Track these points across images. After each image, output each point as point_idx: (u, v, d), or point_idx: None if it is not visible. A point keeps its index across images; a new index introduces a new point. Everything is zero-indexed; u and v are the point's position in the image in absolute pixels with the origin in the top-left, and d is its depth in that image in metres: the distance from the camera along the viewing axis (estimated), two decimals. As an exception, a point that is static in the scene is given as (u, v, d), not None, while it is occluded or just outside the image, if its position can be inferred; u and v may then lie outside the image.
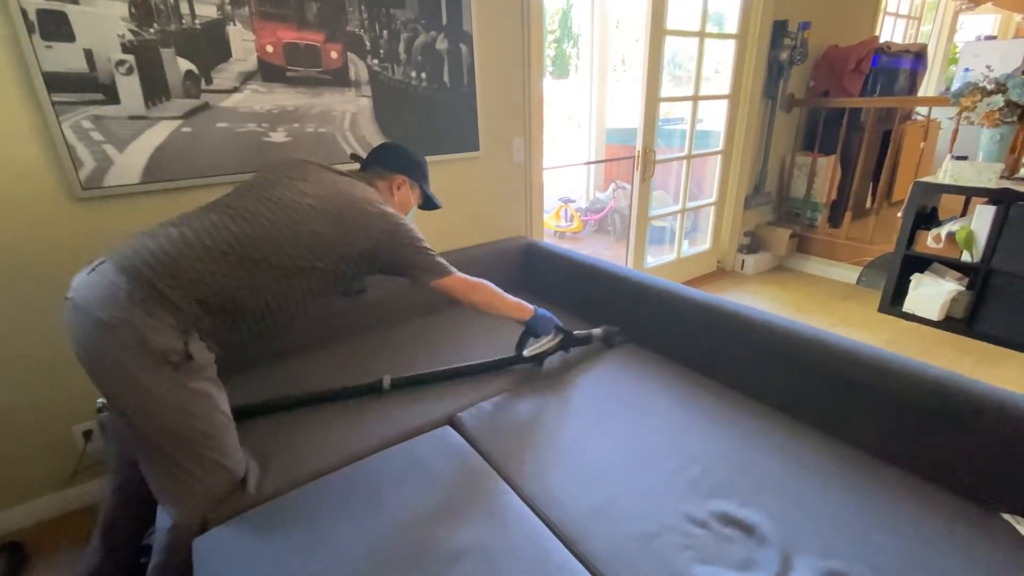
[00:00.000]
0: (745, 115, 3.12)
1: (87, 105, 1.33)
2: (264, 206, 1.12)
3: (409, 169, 1.38)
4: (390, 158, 1.38)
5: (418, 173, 1.41)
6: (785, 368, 1.33)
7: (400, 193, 1.37)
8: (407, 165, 1.38)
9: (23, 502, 1.53)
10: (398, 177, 1.36)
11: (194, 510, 1.06)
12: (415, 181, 1.40)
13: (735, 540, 0.95)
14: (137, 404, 0.98)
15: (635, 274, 1.76)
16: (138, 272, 0.97)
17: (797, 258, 3.56)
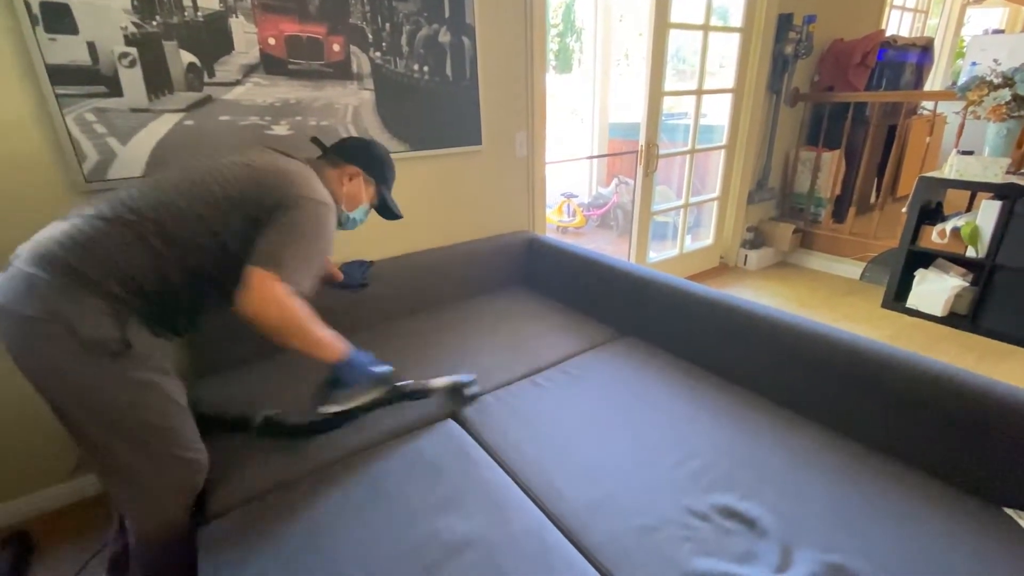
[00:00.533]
0: (749, 110, 3.11)
1: (90, 98, 1.33)
2: (177, 172, 1.05)
3: (366, 163, 1.28)
4: (349, 149, 1.30)
5: (376, 170, 1.31)
6: (788, 363, 1.32)
7: (350, 185, 1.25)
8: (365, 159, 1.29)
9: (29, 493, 1.55)
10: (350, 167, 1.25)
11: (155, 516, 1.03)
12: (371, 177, 1.30)
13: (736, 533, 0.96)
14: (79, 403, 0.91)
15: (638, 269, 1.76)
16: (53, 256, 0.89)
17: (800, 254, 3.55)
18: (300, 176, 1.08)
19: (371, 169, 1.30)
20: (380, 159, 1.32)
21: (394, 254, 1.97)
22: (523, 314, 1.91)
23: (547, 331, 1.77)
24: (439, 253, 2.02)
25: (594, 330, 1.78)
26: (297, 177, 1.07)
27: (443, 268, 2.01)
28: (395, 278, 1.89)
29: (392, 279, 1.88)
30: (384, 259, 1.93)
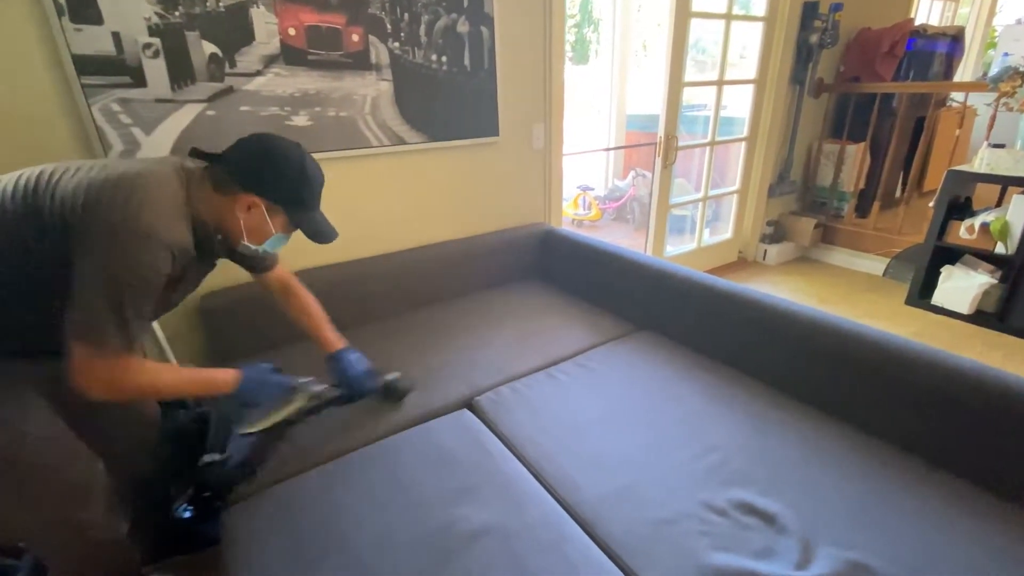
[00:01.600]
0: (771, 101, 3.04)
1: (115, 88, 1.35)
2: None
3: (265, 186, 0.93)
4: (242, 166, 0.93)
5: (281, 193, 0.95)
6: (809, 358, 1.30)
7: (249, 217, 0.94)
8: (264, 182, 0.93)
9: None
10: (244, 196, 0.92)
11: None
12: (276, 204, 0.96)
13: (754, 529, 0.95)
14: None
15: (656, 261, 1.74)
16: None
17: (821, 249, 3.48)
18: (131, 191, 0.81)
19: (275, 193, 0.94)
20: (286, 176, 0.94)
21: (409, 246, 1.98)
22: (538, 307, 1.90)
23: (563, 324, 1.76)
24: (454, 245, 2.02)
25: (610, 323, 1.77)
26: (123, 192, 0.81)
27: (458, 260, 2.01)
28: (410, 270, 1.90)
29: (407, 271, 1.89)
30: (399, 251, 1.94)
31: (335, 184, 1.75)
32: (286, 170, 0.94)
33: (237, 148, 0.95)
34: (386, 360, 1.52)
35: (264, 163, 0.93)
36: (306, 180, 0.97)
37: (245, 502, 1.04)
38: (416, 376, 1.46)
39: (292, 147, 0.97)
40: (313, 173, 0.99)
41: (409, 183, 1.91)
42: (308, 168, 0.97)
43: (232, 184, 0.92)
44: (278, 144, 0.95)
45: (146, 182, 0.84)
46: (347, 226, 1.81)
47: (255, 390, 1.04)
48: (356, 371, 1.24)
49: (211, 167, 0.95)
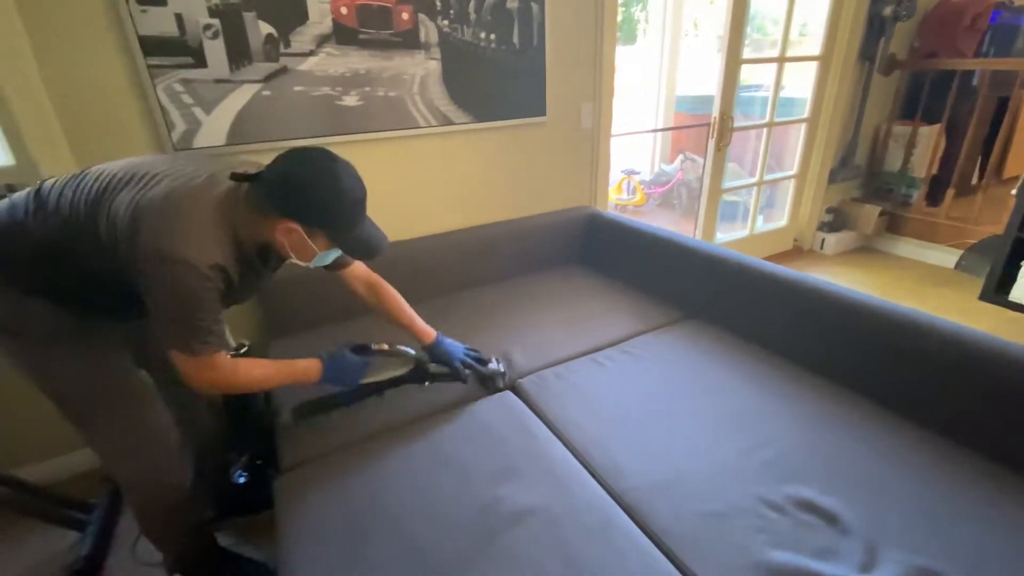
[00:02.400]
0: (837, 79, 2.85)
1: (178, 68, 1.39)
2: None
3: (299, 211, 0.90)
4: (276, 190, 0.90)
5: (316, 217, 0.92)
6: (875, 352, 1.22)
7: (291, 240, 0.93)
8: (297, 205, 0.90)
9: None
10: (282, 222, 0.90)
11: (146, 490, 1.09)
12: (314, 229, 0.92)
13: (815, 528, 0.90)
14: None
15: (708, 247, 1.67)
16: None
17: (885, 239, 3.26)
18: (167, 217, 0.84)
19: (309, 218, 0.91)
20: (318, 199, 0.90)
21: (453, 228, 1.98)
22: (583, 291, 1.87)
23: (607, 310, 1.73)
24: (498, 228, 2.01)
25: (657, 311, 1.71)
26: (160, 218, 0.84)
27: (502, 243, 2.00)
28: (454, 252, 1.90)
29: (450, 253, 1.90)
30: (443, 232, 1.94)
31: (382, 165, 1.77)
32: (318, 191, 0.89)
33: (271, 170, 0.91)
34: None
35: (294, 187, 0.89)
36: (341, 198, 0.91)
37: (300, 469, 1.08)
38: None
39: (323, 162, 0.90)
40: (349, 188, 0.91)
41: (454, 164, 1.91)
42: (343, 184, 0.90)
43: (269, 208, 0.90)
44: (305, 162, 0.90)
45: (184, 207, 0.87)
46: (392, 207, 1.84)
47: (339, 375, 1.12)
48: (459, 356, 1.30)
49: (252, 188, 0.92)
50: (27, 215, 0.90)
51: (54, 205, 0.89)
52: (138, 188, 0.88)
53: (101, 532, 1.39)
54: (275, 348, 1.56)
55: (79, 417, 1.01)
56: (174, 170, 0.92)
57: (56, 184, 0.92)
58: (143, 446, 1.07)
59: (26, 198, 0.92)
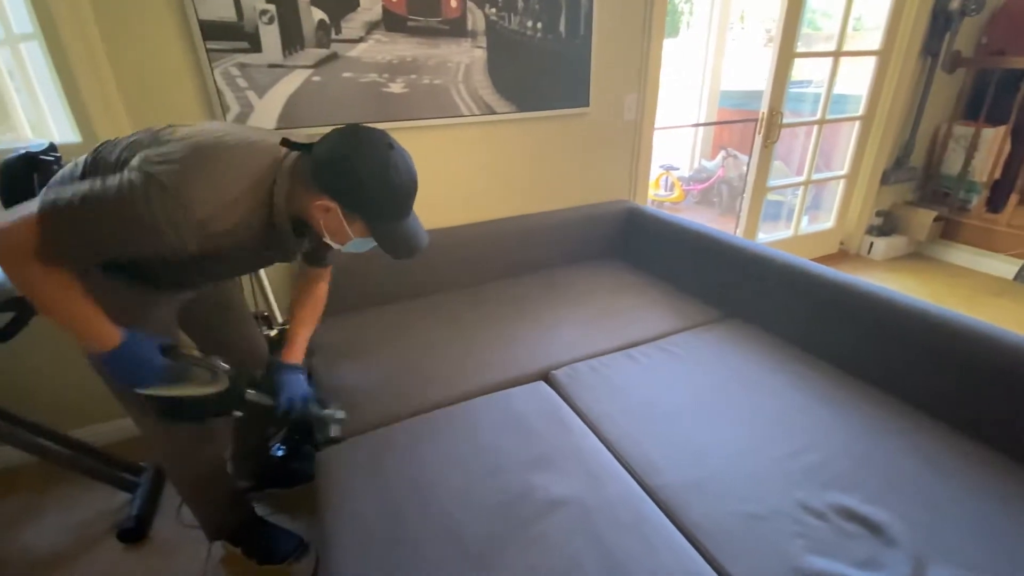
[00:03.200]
0: (896, 75, 2.71)
1: (234, 53, 1.44)
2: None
3: (341, 192, 0.84)
4: (323, 165, 0.84)
5: (356, 202, 0.85)
6: (929, 361, 1.17)
7: (327, 219, 0.88)
8: (340, 186, 0.84)
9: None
10: (321, 198, 0.85)
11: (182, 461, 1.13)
12: (352, 213, 0.86)
13: (858, 537, 0.87)
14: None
15: (753, 245, 1.62)
16: None
17: (940, 245, 3.11)
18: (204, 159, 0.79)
19: (350, 202, 0.85)
20: (363, 185, 0.83)
21: (492, 217, 1.98)
22: (619, 286, 1.85)
23: (644, 306, 1.70)
24: (537, 219, 2.00)
25: (696, 309, 1.68)
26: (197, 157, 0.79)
27: (540, 234, 1.99)
28: (492, 241, 1.91)
29: (489, 242, 1.90)
30: (482, 221, 1.95)
31: (424, 153, 1.79)
32: (364, 178, 0.82)
33: (323, 143, 0.85)
34: (462, 329, 1.56)
35: (342, 168, 0.82)
36: (386, 189, 0.84)
37: (339, 446, 1.11)
38: (491, 347, 1.47)
39: (376, 149, 0.84)
40: (398, 181, 0.85)
41: (495, 153, 1.91)
42: (392, 175, 0.84)
43: (312, 182, 0.85)
44: (359, 146, 0.83)
45: (228, 148, 0.82)
46: (432, 195, 1.86)
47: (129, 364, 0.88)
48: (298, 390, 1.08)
49: (301, 158, 0.88)
50: (84, 173, 0.87)
51: (103, 163, 0.86)
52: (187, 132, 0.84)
53: (149, 494, 1.46)
54: (319, 327, 1.60)
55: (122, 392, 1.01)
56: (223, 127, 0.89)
57: (112, 142, 0.90)
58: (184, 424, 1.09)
59: (86, 159, 0.90)
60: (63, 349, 1.57)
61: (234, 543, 1.30)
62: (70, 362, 1.59)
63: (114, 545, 1.36)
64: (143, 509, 1.41)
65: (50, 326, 1.43)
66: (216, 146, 0.82)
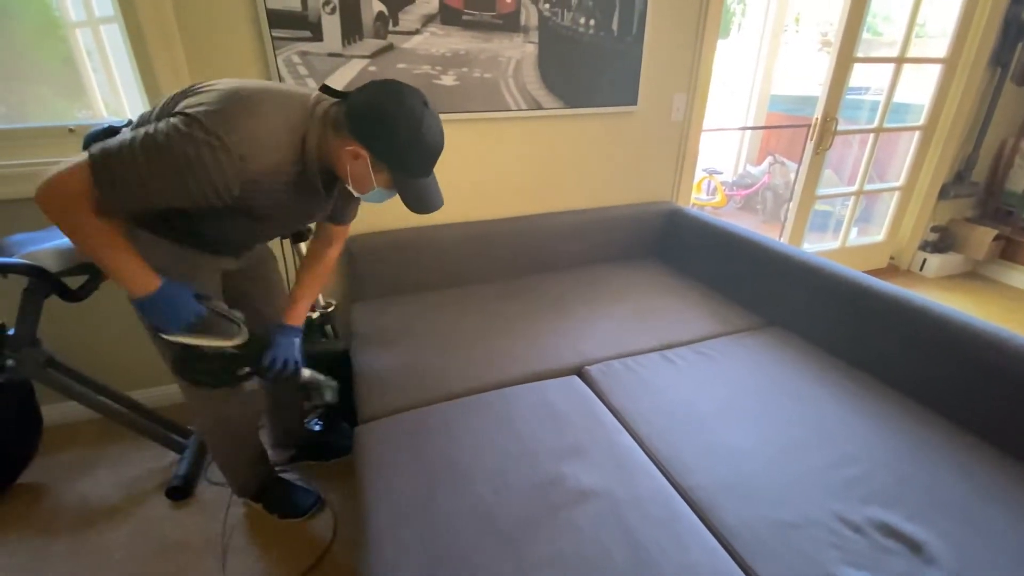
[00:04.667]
0: (961, 85, 2.59)
1: (297, 41, 1.49)
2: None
3: (373, 141, 0.87)
4: (359, 113, 0.86)
5: (386, 153, 0.88)
6: (979, 380, 1.12)
7: (355, 165, 0.90)
8: (373, 135, 0.86)
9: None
10: (352, 144, 0.88)
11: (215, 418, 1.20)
12: (381, 162, 0.89)
13: (896, 553, 0.85)
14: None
15: (800, 253, 1.58)
16: None
17: (999, 265, 2.95)
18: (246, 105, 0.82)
19: (382, 151, 0.87)
20: (397, 136, 0.86)
21: (534, 212, 2.00)
22: (657, 287, 1.84)
23: (683, 308, 1.69)
24: (578, 215, 2.01)
25: (736, 315, 1.66)
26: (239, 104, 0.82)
27: (581, 231, 2.00)
28: (533, 235, 1.92)
29: (530, 236, 1.92)
30: (524, 215, 1.97)
31: (471, 145, 1.82)
32: (399, 130, 0.85)
33: (361, 92, 0.88)
34: (499, 320, 1.58)
35: (379, 117, 0.85)
36: (418, 145, 0.87)
37: (377, 422, 1.15)
38: (526, 337, 1.49)
39: (414, 105, 0.86)
40: (429, 139, 0.88)
41: (540, 149, 1.92)
42: (424, 133, 0.86)
43: (346, 129, 0.87)
44: (399, 99, 0.85)
45: (263, 97, 0.85)
46: (477, 187, 1.89)
47: (166, 307, 0.92)
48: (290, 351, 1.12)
49: (337, 105, 0.91)
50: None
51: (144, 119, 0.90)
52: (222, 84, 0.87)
53: (196, 456, 1.55)
54: (356, 311, 1.66)
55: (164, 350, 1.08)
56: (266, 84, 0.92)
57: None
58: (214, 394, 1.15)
59: (139, 118, 0.93)
60: (125, 314, 1.67)
61: (255, 499, 1.38)
62: (131, 327, 1.69)
63: (162, 501, 1.45)
64: (190, 470, 1.49)
65: (116, 291, 1.52)
66: (252, 93, 0.85)
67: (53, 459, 1.61)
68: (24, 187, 1.44)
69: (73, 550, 1.31)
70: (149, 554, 1.30)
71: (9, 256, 1.17)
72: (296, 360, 1.13)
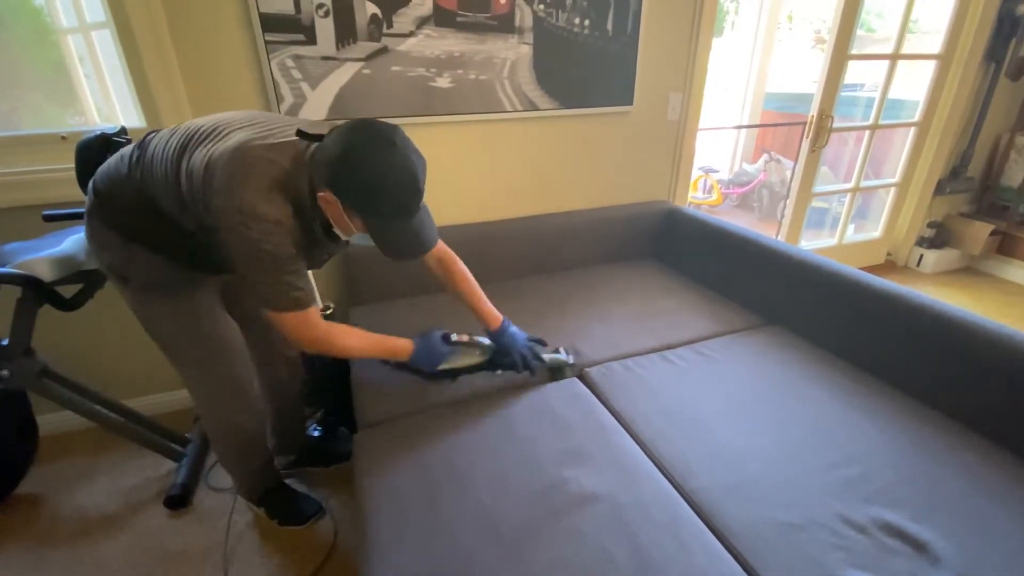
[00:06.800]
0: (956, 81, 2.59)
1: (291, 45, 1.48)
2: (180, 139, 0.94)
3: (340, 187, 0.84)
4: (324, 157, 0.84)
5: (356, 199, 0.85)
6: (981, 378, 1.12)
7: (331, 210, 0.89)
8: (339, 181, 0.84)
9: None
10: (325, 192, 0.86)
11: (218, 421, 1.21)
12: (354, 211, 0.87)
13: (900, 553, 0.85)
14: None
15: (798, 251, 1.58)
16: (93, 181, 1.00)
17: (995, 260, 2.96)
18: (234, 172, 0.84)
19: (344, 196, 0.85)
20: (361, 184, 0.83)
21: (531, 213, 1.99)
22: (656, 287, 1.83)
23: (681, 308, 1.68)
24: (574, 216, 2.00)
25: (735, 314, 1.65)
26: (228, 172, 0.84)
27: (578, 232, 1.99)
28: (529, 237, 1.92)
29: (526, 238, 1.91)
30: (520, 217, 1.96)
31: (466, 147, 1.81)
32: (359, 172, 0.82)
33: (331, 136, 0.85)
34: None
35: (341, 162, 0.82)
36: (383, 188, 0.83)
37: (376, 428, 1.14)
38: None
39: (382, 146, 0.82)
40: (399, 180, 0.83)
41: (537, 150, 1.92)
42: (388, 172, 0.82)
43: (315, 174, 0.87)
44: (366, 141, 0.82)
45: (250, 160, 0.85)
46: (472, 189, 1.88)
47: (425, 359, 1.16)
48: (523, 345, 1.26)
49: (315, 149, 0.88)
50: (132, 163, 0.95)
51: (150, 156, 0.94)
52: (214, 142, 0.89)
53: (194, 464, 1.53)
54: (355, 315, 1.65)
55: (172, 357, 1.12)
56: (254, 123, 0.93)
57: (158, 135, 0.97)
58: (223, 390, 1.18)
59: (134, 147, 0.98)
60: (121, 322, 1.65)
61: (259, 505, 1.37)
62: (127, 335, 1.68)
63: (160, 510, 1.43)
64: (188, 478, 1.48)
65: (112, 300, 1.51)
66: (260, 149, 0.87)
67: (50, 469, 1.59)
68: (17, 196, 1.43)
69: (71, 560, 1.30)
70: (148, 563, 1.28)
71: (2, 266, 1.16)
72: (528, 349, 1.26)
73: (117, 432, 1.44)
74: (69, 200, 1.42)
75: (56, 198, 1.44)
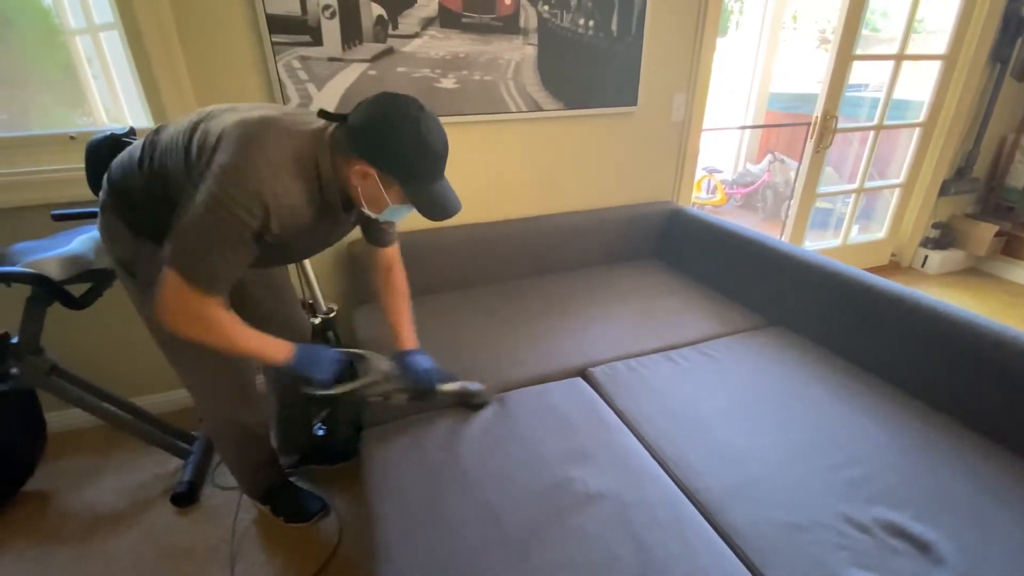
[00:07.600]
0: (961, 81, 2.59)
1: (297, 46, 1.49)
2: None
3: (377, 156, 0.86)
4: (359, 130, 0.86)
5: (394, 166, 0.87)
6: (985, 379, 1.12)
7: (365, 185, 0.89)
8: (375, 150, 0.85)
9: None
10: (358, 163, 0.87)
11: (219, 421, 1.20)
12: (388, 176, 0.88)
13: (904, 554, 0.85)
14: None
15: (802, 252, 1.58)
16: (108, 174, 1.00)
17: (1000, 261, 2.95)
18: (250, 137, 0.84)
19: (387, 163, 0.86)
20: (400, 145, 0.85)
21: (535, 213, 2.00)
22: (659, 288, 1.84)
23: (685, 309, 1.69)
24: (579, 217, 2.00)
25: (738, 314, 1.66)
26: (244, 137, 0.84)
27: (582, 232, 1.99)
28: (534, 237, 1.92)
29: (531, 238, 1.92)
30: (525, 217, 1.97)
31: (471, 147, 1.82)
32: (399, 137, 0.84)
33: (358, 111, 0.87)
34: (501, 322, 1.58)
35: (377, 130, 0.84)
36: (421, 148, 0.85)
37: (382, 427, 1.15)
38: (529, 340, 1.49)
39: (411, 111, 0.85)
40: (432, 142, 0.86)
41: (541, 150, 1.92)
42: (426, 136, 0.85)
43: (349, 150, 0.87)
44: (396, 108, 0.85)
45: (270, 131, 0.85)
46: (477, 189, 1.89)
47: (306, 365, 1.01)
48: (424, 368, 1.15)
49: (338, 128, 0.90)
50: (143, 153, 0.95)
51: (164, 137, 0.93)
52: (231, 114, 0.89)
53: (200, 462, 1.55)
54: (358, 315, 1.66)
55: (173, 357, 1.11)
56: (267, 106, 0.95)
57: (165, 130, 0.96)
58: (224, 390, 1.18)
59: (146, 138, 0.97)
60: (129, 321, 1.67)
61: (263, 502, 1.38)
62: (134, 334, 1.69)
63: (167, 508, 1.45)
64: (195, 475, 1.49)
65: (120, 299, 1.53)
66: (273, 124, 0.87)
67: (58, 466, 1.61)
68: (26, 195, 1.45)
69: (79, 557, 1.31)
70: (155, 561, 1.30)
71: (12, 265, 1.17)
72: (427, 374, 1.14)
73: (124, 430, 1.45)
74: (78, 200, 1.44)
75: (65, 198, 1.45)
